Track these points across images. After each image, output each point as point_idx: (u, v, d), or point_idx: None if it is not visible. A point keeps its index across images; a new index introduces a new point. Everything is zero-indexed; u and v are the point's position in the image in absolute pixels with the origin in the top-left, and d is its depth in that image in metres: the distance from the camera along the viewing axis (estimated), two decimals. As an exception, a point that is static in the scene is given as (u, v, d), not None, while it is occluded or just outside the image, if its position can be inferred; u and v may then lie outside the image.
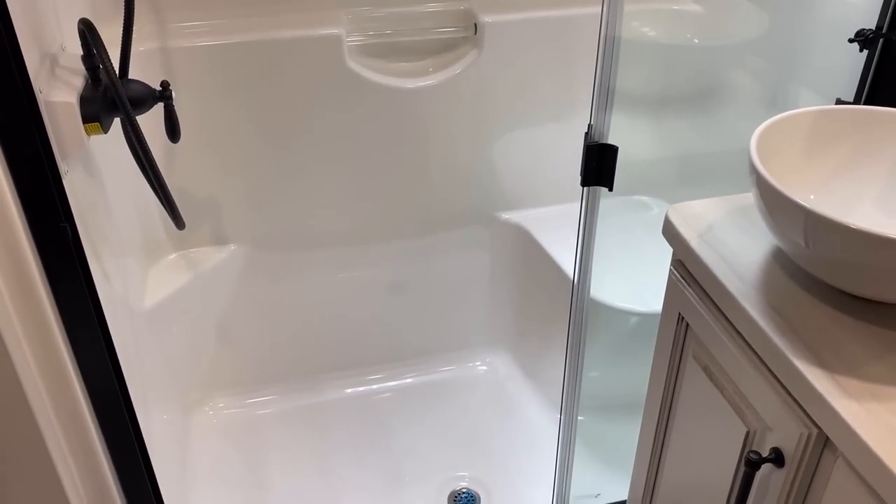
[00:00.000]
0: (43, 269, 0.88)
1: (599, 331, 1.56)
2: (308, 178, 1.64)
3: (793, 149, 0.88)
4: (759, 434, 0.80)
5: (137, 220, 1.55)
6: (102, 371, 0.98)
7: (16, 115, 0.80)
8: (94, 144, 1.25)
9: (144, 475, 1.10)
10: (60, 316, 0.91)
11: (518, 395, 1.86)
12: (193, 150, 1.54)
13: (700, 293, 0.88)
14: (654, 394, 1.04)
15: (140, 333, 1.42)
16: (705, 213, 0.94)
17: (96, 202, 1.21)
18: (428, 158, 1.67)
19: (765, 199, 0.77)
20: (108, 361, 0.98)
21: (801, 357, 0.72)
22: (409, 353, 1.91)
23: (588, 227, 1.02)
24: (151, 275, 1.62)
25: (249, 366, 1.82)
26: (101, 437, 1.03)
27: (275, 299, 1.77)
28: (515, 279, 1.82)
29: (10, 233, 0.82)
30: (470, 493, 1.63)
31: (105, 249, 1.21)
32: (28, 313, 0.87)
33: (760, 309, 0.78)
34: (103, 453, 1.03)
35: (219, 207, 1.63)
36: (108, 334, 0.97)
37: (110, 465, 1.06)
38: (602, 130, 0.96)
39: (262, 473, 1.67)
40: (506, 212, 1.77)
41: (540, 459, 1.69)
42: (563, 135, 1.69)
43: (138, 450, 1.07)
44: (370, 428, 1.78)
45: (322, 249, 1.73)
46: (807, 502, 0.75)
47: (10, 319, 0.85)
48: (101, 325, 0.95)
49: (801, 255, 0.78)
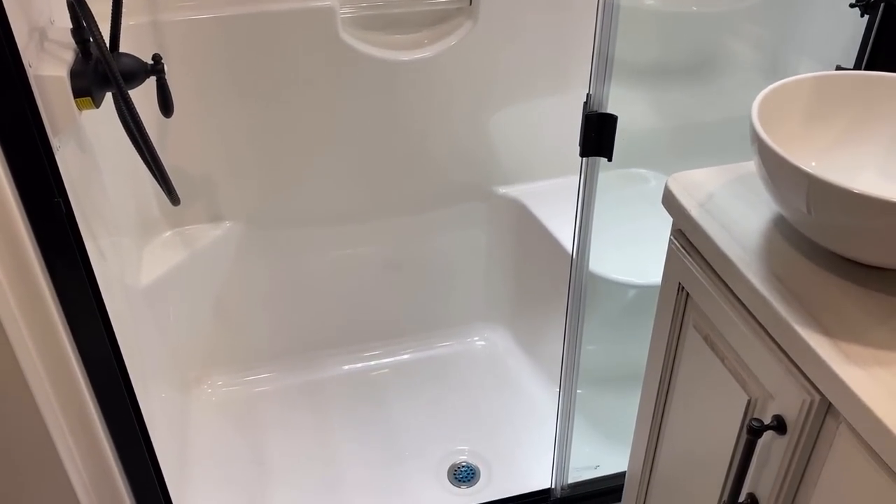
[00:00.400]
0: (37, 245, 0.87)
1: (597, 304, 1.55)
2: (302, 153, 1.62)
3: (793, 116, 0.87)
4: (760, 402, 0.80)
5: (131, 197, 1.53)
6: (100, 349, 0.97)
7: (6, 90, 0.79)
8: (85, 120, 1.23)
9: (144, 452, 1.10)
10: (56, 293, 0.91)
11: (516, 370, 1.86)
12: (186, 126, 1.53)
13: (701, 262, 0.88)
14: (653, 365, 1.04)
15: (137, 312, 1.41)
16: (705, 182, 0.93)
17: (89, 179, 1.20)
18: (423, 132, 1.65)
19: (767, 165, 0.77)
20: (106, 339, 0.97)
21: (803, 324, 0.72)
22: (406, 329, 1.91)
23: (587, 198, 1.01)
24: (147, 253, 1.61)
25: (247, 343, 1.82)
26: (100, 415, 1.03)
27: (271, 276, 1.76)
28: (512, 254, 1.82)
29: (3, 209, 0.81)
30: (470, 467, 1.64)
31: (99, 227, 1.20)
32: (24, 290, 0.86)
33: (762, 277, 0.78)
34: (103, 431, 1.03)
35: (213, 184, 1.61)
36: (105, 311, 0.97)
37: (110, 443, 1.06)
38: (601, 100, 0.95)
39: (262, 450, 1.68)
40: (502, 186, 1.76)
41: (539, 433, 1.70)
42: (560, 107, 1.68)
43: (138, 427, 1.07)
44: (369, 404, 1.79)
45: (318, 226, 1.72)
46: (809, 469, 0.75)
47: (5, 296, 0.85)
48: (98, 302, 0.95)
49: (804, 222, 0.77)
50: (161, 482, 1.16)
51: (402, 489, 1.58)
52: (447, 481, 1.61)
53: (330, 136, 1.61)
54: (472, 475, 1.62)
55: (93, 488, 1.07)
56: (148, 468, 1.12)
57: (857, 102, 0.88)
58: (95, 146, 1.28)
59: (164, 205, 1.62)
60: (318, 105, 1.57)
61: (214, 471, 1.63)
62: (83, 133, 1.20)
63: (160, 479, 1.15)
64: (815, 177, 0.71)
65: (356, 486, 1.59)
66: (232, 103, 1.53)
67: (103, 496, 1.09)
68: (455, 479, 1.61)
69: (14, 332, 0.87)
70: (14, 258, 0.84)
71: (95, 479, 1.06)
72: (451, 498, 1.56)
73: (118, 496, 1.09)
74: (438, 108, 1.63)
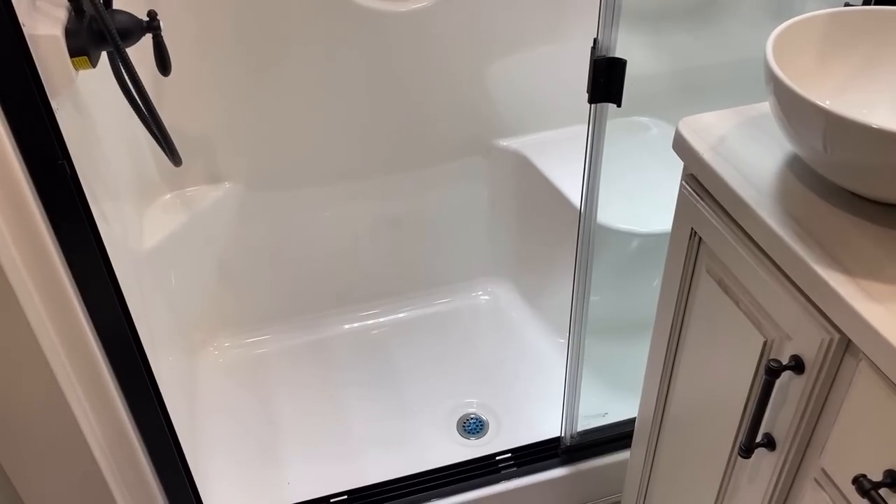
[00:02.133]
0: (43, 209, 0.85)
1: (601, 254, 1.55)
2: (300, 111, 1.60)
3: (806, 55, 0.86)
4: (777, 343, 0.81)
5: (129, 159, 1.51)
6: (112, 313, 0.97)
7: (5, 50, 0.77)
8: (80, 82, 1.21)
9: (159, 414, 1.11)
10: (65, 258, 0.90)
11: (521, 323, 1.87)
12: (182, 85, 1.50)
13: (714, 206, 0.87)
14: (664, 311, 1.04)
15: (141, 276, 1.40)
16: (716, 125, 0.92)
17: (88, 142, 1.18)
18: (423, 85, 1.63)
19: (782, 104, 0.76)
20: (117, 303, 0.96)
21: (821, 263, 0.72)
22: (410, 286, 1.91)
23: (596, 146, 1.00)
24: (147, 216, 1.60)
25: (251, 304, 1.82)
26: (114, 379, 1.03)
27: (272, 237, 1.75)
28: (515, 207, 1.81)
29: (7, 172, 0.79)
30: (479, 419, 1.66)
31: (101, 190, 1.18)
32: (32, 255, 0.85)
33: (778, 218, 0.78)
34: (118, 395, 1.03)
35: (211, 144, 1.59)
36: (114, 275, 0.96)
37: (125, 406, 1.06)
38: (609, 44, 0.93)
39: (272, 409, 1.69)
40: (503, 139, 1.74)
41: (545, 384, 1.71)
42: (561, 57, 1.65)
43: (152, 389, 1.07)
44: (376, 361, 1.80)
45: (318, 185, 1.71)
46: (826, 406, 0.76)
47: (14, 262, 0.84)
48: (107, 265, 0.94)
49: (820, 161, 0.76)
50: (176, 442, 1.17)
51: (413, 442, 1.60)
52: (456, 433, 1.62)
53: (328, 93, 1.59)
54: (481, 427, 1.64)
55: (109, 450, 1.07)
56: (164, 429, 1.12)
57: (870, 39, 0.87)
58: (91, 107, 1.26)
59: (162, 167, 1.60)
60: (314, 61, 1.54)
61: (226, 431, 1.64)
62: (79, 94, 1.18)
63: (175, 440, 1.16)
64: (832, 113, 0.70)
65: (367, 440, 1.61)
66: (228, 61, 1.50)
67: (120, 458, 1.09)
68: (464, 430, 1.63)
69: (25, 297, 0.86)
70: (21, 222, 0.83)
71: (112, 441, 1.07)
72: (462, 449, 1.58)
73: (135, 458, 1.10)
74: (437, 60, 1.60)
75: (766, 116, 0.93)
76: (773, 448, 0.84)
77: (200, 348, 1.80)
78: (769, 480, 0.86)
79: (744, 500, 0.93)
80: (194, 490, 1.24)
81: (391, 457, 1.57)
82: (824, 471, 0.77)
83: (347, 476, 1.53)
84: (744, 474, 0.92)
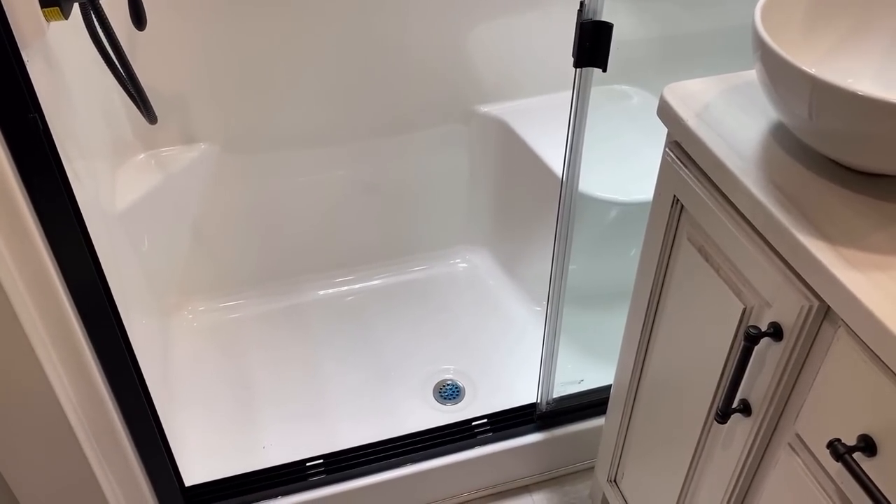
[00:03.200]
0: (14, 164, 0.83)
1: (579, 222, 1.56)
2: (277, 72, 1.57)
3: (793, 23, 0.85)
4: (756, 310, 0.81)
5: (102, 117, 1.47)
6: (85, 272, 0.95)
7: (-29, -5, 0.74)
8: (50, 35, 1.17)
9: (134, 376, 1.09)
10: (38, 215, 0.87)
11: (498, 290, 1.87)
12: (157, 41, 1.46)
13: (697, 173, 0.87)
14: (643, 278, 1.05)
15: (114, 237, 1.38)
16: (701, 92, 0.92)
17: (59, 97, 1.15)
18: (403, 49, 1.60)
19: (769, 70, 0.75)
20: (91, 262, 0.94)
21: (803, 231, 0.72)
22: (387, 252, 1.90)
23: (580, 112, 0.99)
24: (120, 176, 1.57)
25: (225, 269, 1.80)
26: (87, 340, 1.01)
27: (248, 200, 1.73)
28: (494, 174, 1.80)
29: (-24, 125, 0.77)
30: (455, 385, 1.66)
31: (73, 148, 1.15)
32: (3, 211, 0.83)
33: (761, 185, 0.78)
34: (91, 354, 1.02)
35: (186, 103, 1.56)
36: (88, 234, 0.94)
37: (99, 368, 1.05)
38: (596, 7, 0.92)
39: (247, 374, 1.68)
40: (484, 105, 1.73)
41: (520, 351, 1.72)
42: (543, 22, 1.63)
43: (126, 351, 1.06)
44: (352, 327, 1.79)
45: (294, 149, 1.68)
46: (803, 373, 0.77)
47: (-16, 218, 0.81)
48: (81, 224, 0.92)
49: (804, 129, 0.76)
50: (151, 406, 1.15)
51: (389, 407, 1.60)
52: (433, 399, 1.63)
53: (308, 55, 1.56)
54: (458, 393, 1.65)
55: (83, 412, 1.06)
56: (138, 391, 1.11)
57: (855, 10, 0.86)
58: (62, 62, 1.22)
59: (136, 126, 1.56)
60: (294, 22, 1.51)
61: (200, 395, 1.63)
62: (49, 48, 1.14)
63: (150, 402, 1.15)
64: (819, 79, 0.70)
65: (343, 405, 1.61)
66: (207, 16, 1.46)
67: (94, 420, 1.08)
68: (441, 396, 1.64)
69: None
70: (-10, 177, 0.80)
71: (85, 403, 1.05)
72: (438, 415, 1.59)
73: (109, 419, 1.09)
74: (416, 23, 1.58)
75: (751, 85, 0.93)
76: (748, 414, 0.85)
77: (174, 312, 1.78)
78: (743, 445, 0.87)
79: (717, 465, 0.94)
80: (169, 453, 1.24)
81: (367, 422, 1.58)
82: (798, 436, 0.78)
83: (323, 440, 1.53)
84: (718, 440, 0.93)
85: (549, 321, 1.33)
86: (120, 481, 1.18)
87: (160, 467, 1.23)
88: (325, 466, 1.39)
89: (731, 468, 0.91)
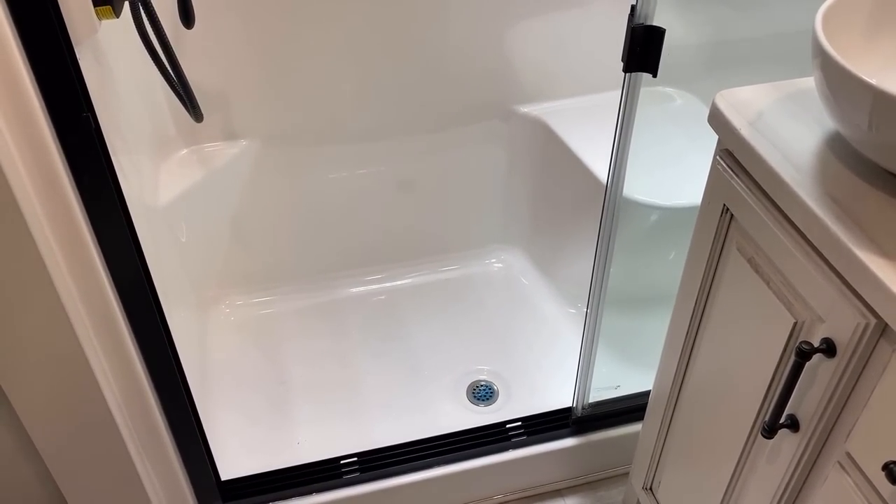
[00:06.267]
0: (67, 163, 0.84)
1: (620, 225, 1.54)
2: (320, 70, 1.57)
3: (854, 27, 0.83)
4: (807, 325, 0.80)
5: (146, 114, 1.49)
6: (131, 268, 0.96)
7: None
8: (100, 32, 1.18)
9: (175, 369, 1.11)
10: (87, 213, 0.88)
11: (533, 291, 1.86)
12: (200, 40, 1.47)
13: (749, 183, 0.86)
14: (688, 286, 1.03)
15: (156, 231, 1.39)
16: (754, 99, 0.90)
17: (107, 94, 1.16)
18: (443, 47, 1.60)
19: (829, 79, 0.74)
20: (136, 257, 0.95)
21: (861, 245, 0.70)
22: (423, 250, 1.90)
23: (627, 117, 0.98)
24: (163, 171, 1.58)
25: (263, 263, 1.81)
26: (130, 332, 1.02)
27: (286, 197, 1.73)
28: (531, 174, 1.79)
29: (33, 125, 0.78)
30: (489, 386, 1.66)
31: (119, 144, 1.16)
32: (55, 210, 0.84)
33: (817, 197, 0.76)
34: (133, 345, 1.03)
35: (228, 100, 1.57)
36: (134, 231, 0.95)
37: (141, 361, 1.06)
38: (647, 11, 0.90)
39: (283, 369, 1.69)
40: (524, 105, 1.71)
41: (555, 353, 1.71)
42: (586, 22, 1.62)
43: (167, 341, 1.07)
44: (387, 324, 1.79)
45: (334, 145, 1.69)
46: (856, 390, 0.75)
47: (37, 217, 0.82)
48: (128, 221, 0.93)
49: (863, 140, 0.74)
50: (190, 400, 1.17)
51: (422, 407, 1.60)
52: (466, 400, 1.63)
53: (348, 52, 1.56)
54: (491, 394, 1.64)
55: (124, 402, 1.07)
56: (178, 383, 1.12)
57: (917, 15, 0.84)
58: (109, 59, 1.23)
59: (179, 122, 1.57)
60: (336, 19, 1.51)
61: (237, 389, 1.65)
62: (99, 46, 1.16)
63: (189, 397, 1.16)
64: (880, 91, 0.68)
65: (376, 404, 1.61)
66: (252, 15, 1.47)
67: (133, 410, 1.09)
68: (474, 397, 1.63)
69: (46, 250, 0.85)
70: (44, 177, 0.81)
71: (128, 395, 1.07)
72: (471, 416, 1.59)
73: (149, 409, 1.10)
74: (459, 22, 1.57)
75: (804, 92, 0.91)
76: (796, 429, 0.83)
77: (212, 305, 1.80)
78: (790, 461, 0.85)
79: (761, 479, 0.93)
80: (207, 448, 1.25)
81: (400, 420, 1.58)
82: (849, 455, 0.77)
83: (357, 438, 1.54)
84: (762, 453, 0.92)
85: (587, 326, 1.32)
86: (159, 474, 1.19)
87: (198, 461, 1.24)
88: (359, 465, 1.39)
89: (776, 483, 0.89)
